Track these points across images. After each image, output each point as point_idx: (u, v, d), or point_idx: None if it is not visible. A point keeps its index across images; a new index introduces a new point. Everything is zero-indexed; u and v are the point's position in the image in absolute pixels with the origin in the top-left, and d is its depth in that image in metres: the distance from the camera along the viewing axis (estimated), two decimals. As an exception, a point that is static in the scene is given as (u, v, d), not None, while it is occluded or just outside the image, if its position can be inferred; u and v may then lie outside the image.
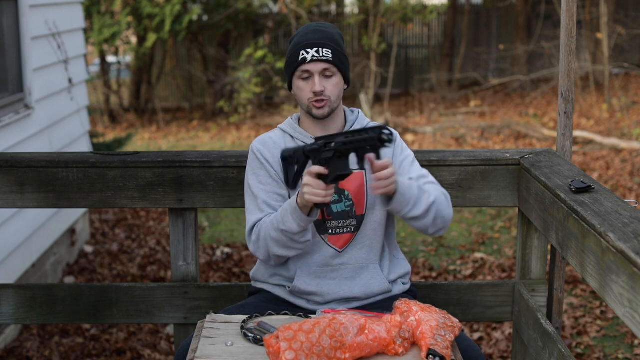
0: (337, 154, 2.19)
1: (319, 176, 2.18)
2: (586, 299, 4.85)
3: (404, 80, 15.01)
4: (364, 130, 2.15)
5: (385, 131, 2.10)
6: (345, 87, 2.43)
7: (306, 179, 2.19)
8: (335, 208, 2.39)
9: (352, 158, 2.19)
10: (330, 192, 2.20)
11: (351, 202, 2.40)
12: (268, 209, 2.38)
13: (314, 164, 2.25)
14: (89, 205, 2.86)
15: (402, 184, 2.26)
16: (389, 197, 2.27)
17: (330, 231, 2.41)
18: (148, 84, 13.89)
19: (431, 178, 2.46)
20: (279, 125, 2.52)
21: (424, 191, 2.33)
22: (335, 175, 2.19)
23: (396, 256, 2.54)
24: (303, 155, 2.31)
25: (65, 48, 5.50)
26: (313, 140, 2.34)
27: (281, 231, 2.28)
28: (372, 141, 2.11)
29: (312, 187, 2.18)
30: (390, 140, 2.09)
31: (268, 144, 2.45)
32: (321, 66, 2.34)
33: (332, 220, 2.40)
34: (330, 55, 2.34)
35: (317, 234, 2.40)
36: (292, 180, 2.36)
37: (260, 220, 2.38)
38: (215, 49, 13.82)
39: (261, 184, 2.41)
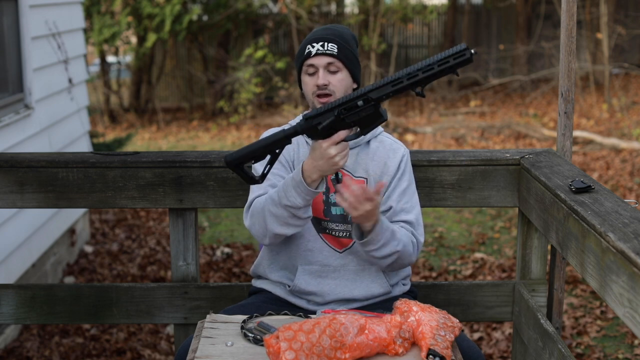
0: (372, 103, 2.04)
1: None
2: (586, 299, 4.85)
3: (404, 80, 14.98)
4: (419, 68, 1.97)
5: (468, 49, 1.89)
6: (355, 86, 2.40)
7: (334, 149, 2.11)
8: (334, 210, 2.39)
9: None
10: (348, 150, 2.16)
11: None
12: (271, 190, 2.36)
13: (325, 134, 2.11)
14: (89, 205, 2.86)
15: (382, 226, 2.22)
16: (362, 230, 2.24)
17: (327, 231, 2.40)
18: (148, 84, 13.89)
19: (412, 215, 2.39)
20: (290, 122, 2.51)
21: (396, 238, 2.27)
22: (374, 124, 2.07)
23: None
24: (283, 136, 2.16)
25: (65, 48, 5.50)
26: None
27: (284, 206, 2.23)
28: (464, 55, 1.87)
29: (342, 152, 2.13)
30: (471, 60, 1.89)
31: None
32: (325, 60, 2.33)
33: (329, 222, 2.40)
34: (336, 50, 2.33)
35: (317, 234, 2.40)
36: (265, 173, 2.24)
37: (259, 196, 2.35)
38: (215, 49, 13.82)
39: (270, 174, 2.37)
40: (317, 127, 2.11)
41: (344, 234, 2.40)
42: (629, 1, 14.76)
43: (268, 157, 2.19)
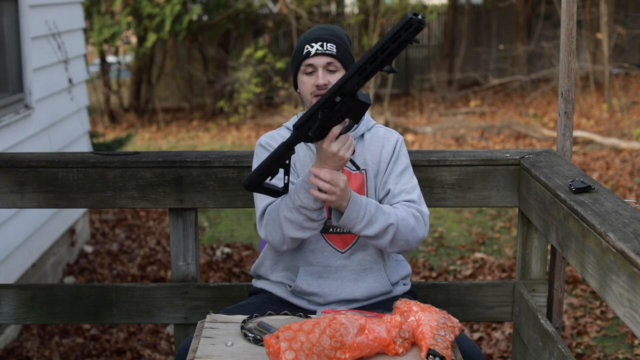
0: (350, 96, 2.05)
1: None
2: (586, 299, 4.85)
3: (404, 80, 15.01)
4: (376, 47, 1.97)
5: (414, 16, 1.87)
6: None
7: (334, 146, 2.12)
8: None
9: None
10: (352, 140, 2.17)
11: None
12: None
13: (319, 136, 2.13)
14: (89, 205, 2.86)
15: (355, 199, 2.22)
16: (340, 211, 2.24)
17: (330, 230, 2.40)
18: (148, 84, 13.89)
19: (414, 195, 2.39)
20: (284, 124, 2.52)
21: (384, 212, 2.27)
22: (361, 111, 2.07)
23: (396, 258, 2.54)
24: (284, 148, 2.19)
25: (65, 48, 5.50)
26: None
27: (298, 209, 2.24)
28: (411, 22, 1.85)
29: (345, 145, 2.14)
30: (422, 25, 1.88)
31: (277, 139, 2.45)
32: (325, 60, 2.34)
33: (332, 220, 2.40)
34: (335, 50, 2.35)
35: (320, 234, 2.40)
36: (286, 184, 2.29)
37: (270, 204, 2.35)
38: (215, 49, 13.82)
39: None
40: (308, 133, 2.15)
41: (347, 229, 2.40)
42: (629, 1, 14.76)
43: (281, 170, 2.24)
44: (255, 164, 2.45)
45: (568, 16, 2.67)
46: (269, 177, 2.23)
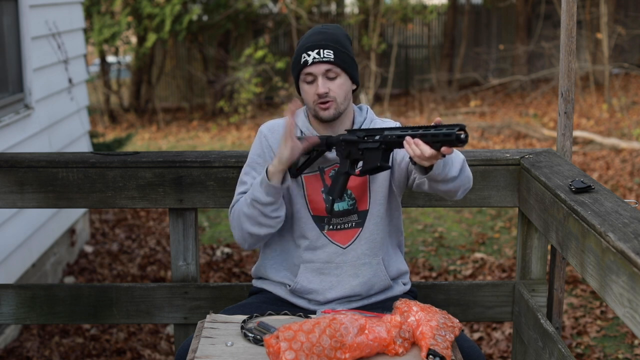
0: (382, 145, 2.17)
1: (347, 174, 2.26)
2: (586, 299, 4.85)
3: (404, 80, 15.01)
4: (430, 126, 2.05)
5: (463, 133, 1.98)
6: (354, 87, 2.40)
7: (286, 137, 2.23)
8: (337, 207, 2.39)
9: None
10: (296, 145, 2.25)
11: (354, 201, 2.40)
12: None
13: (343, 155, 2.27)
14: (89, 205, 2.86)
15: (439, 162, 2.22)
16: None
17: (331, 227, 2.40)
18: (148, 84, 13.89)
19: None
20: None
21: (455, 154, 2.27)
22: (375, 166, 2.19)
23: (396, 254, 2.53)
24: (325, 145, 2.33)
25: (65, 48, 5.50)
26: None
27: (252, 203, 2.30)
28: (450, 137, 1.98)
29: (290, 140, 2.23)
30: (465, 142, 1.99)
31: (276, 132, 2.45)
32: (323, 67, 2.31)
33: (333, 218, 2.40)
34: (332, 56, 2.30)
35: (320, 232, 2.40)
36: (299, 166, 2.37)
37: (237, 200, 2.41)
38: (215, 49, 13.82)
39: (256, 172, 2.42)
40: (339, 137, 2.29)
41: (350, 224, 2.41)
42: (629, 1, 14.76)
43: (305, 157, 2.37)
44: (251, 151, 2.47)
45: (568, 16, 2.67)
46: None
